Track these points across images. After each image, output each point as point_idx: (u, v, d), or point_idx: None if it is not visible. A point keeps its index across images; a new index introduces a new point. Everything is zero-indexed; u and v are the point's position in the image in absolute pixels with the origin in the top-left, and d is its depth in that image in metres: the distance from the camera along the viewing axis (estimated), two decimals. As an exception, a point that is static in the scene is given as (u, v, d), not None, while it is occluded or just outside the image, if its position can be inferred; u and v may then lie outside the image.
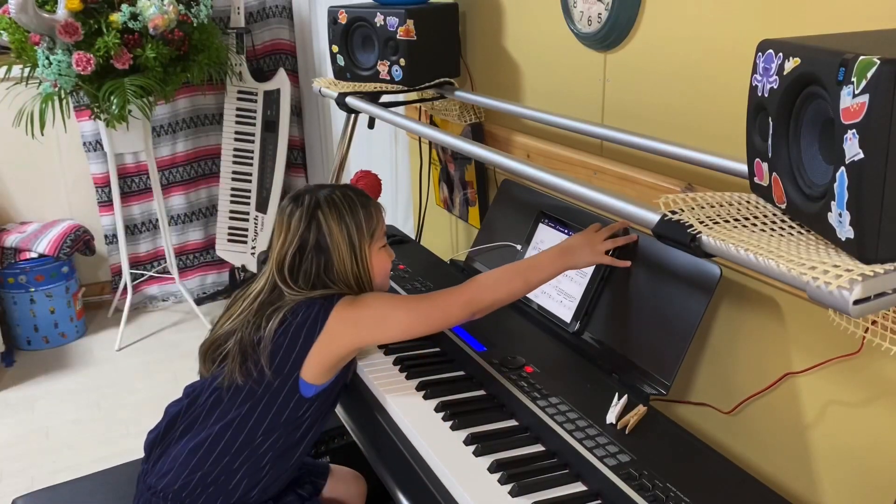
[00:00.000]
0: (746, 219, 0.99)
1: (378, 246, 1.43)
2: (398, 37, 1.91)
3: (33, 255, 3.18)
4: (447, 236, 2.50)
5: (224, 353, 1.37)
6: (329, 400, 1.41)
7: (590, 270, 1.51)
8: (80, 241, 3.29)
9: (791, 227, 0.95)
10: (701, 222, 0.99)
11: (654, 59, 1.52)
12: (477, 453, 1.19)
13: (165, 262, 3.50)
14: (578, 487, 1.12)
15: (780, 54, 0.88)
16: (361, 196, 1.43)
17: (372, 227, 1.41)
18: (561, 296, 1.56)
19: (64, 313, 3.27)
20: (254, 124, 3.36)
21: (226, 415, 1.35)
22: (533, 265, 1.42)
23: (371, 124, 2.07)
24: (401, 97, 2.20)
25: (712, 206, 1.03)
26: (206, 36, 2.94)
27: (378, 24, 1.93)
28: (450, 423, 1.27)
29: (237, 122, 3.37)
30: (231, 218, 3.41)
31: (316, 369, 1.33)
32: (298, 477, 1.54)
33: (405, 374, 1.45)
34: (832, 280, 0.79)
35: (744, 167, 1.05)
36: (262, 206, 3.39)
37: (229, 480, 1.36)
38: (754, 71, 0.94)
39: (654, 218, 1.03)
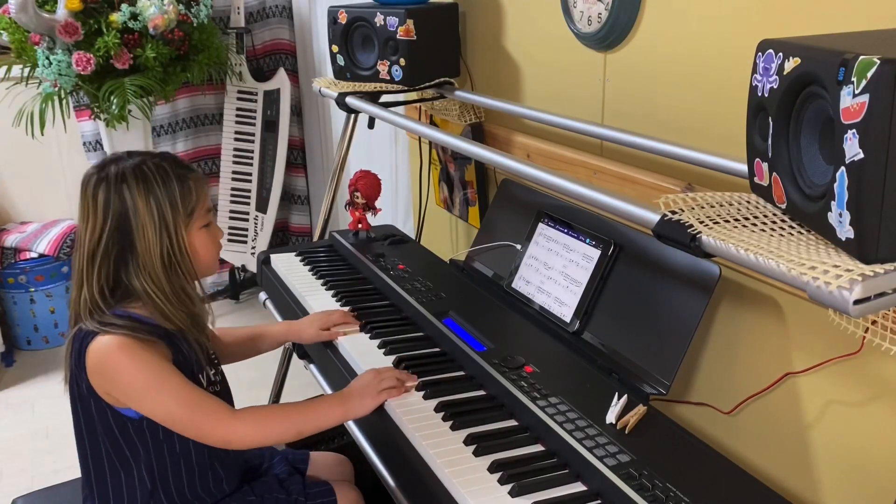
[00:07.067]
0: (746, 219, 0.99)
1: (199, 225, 1.26)
2: (398, 37, 1.91)
3: (33, 255, 3.18)
4: (447, 236, 2.50)
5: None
6: None
7: (595, 258, 1.51)
8: (80, 241, 3.29)
9: (791, 227, 0.95)
10: (701, 222, 0.99)
11: (654, 59, 1.52)
12: (477, 453, 1.18)
13: (165, 261, 3.50)
14: (578, 487, 1.12)
15: (780, 54, 0.88)
16: (179, 167, 1.25)
17: (190, 204, 1.23)
18: (567, 281, 1.56)
19: (64, 313, 3.27)
20: (254, 124, 3.36)
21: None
22: (309, 411, 1.29)
23: (371, 124, 2.07)
24: (401, 97, 2.20)
25: (712, 206, 1.03)
26: (206, 36, 2.94)
27: (378, 24, 1.93)
28: (449, 423, 1.26)
29: (237, 122, 3.37)
30: (231, 218, 3.41)
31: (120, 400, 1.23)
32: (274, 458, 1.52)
33: (405, 374, 1.45)
34: (832, 280, 0.79)
35: (744, 167, 1.05)
36: (262, 206, 3.39)
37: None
38: (754, 71, 0.94)
39: (654, 218, 1.03)
